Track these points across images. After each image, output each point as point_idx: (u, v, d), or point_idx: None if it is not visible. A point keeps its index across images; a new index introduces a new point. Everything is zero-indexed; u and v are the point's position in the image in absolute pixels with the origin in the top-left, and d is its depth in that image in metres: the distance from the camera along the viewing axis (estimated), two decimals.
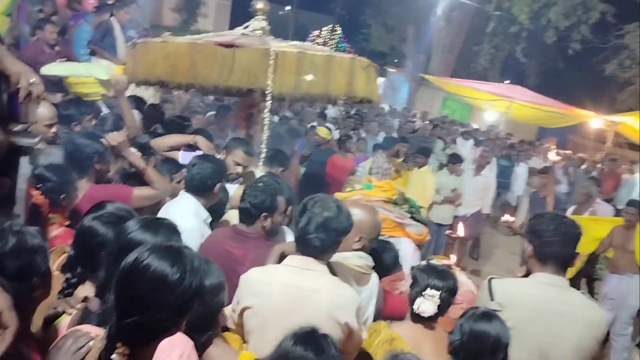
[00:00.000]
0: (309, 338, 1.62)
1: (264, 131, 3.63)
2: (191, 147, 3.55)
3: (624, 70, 14.64)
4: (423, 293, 2.29)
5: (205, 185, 2.88)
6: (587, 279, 6.22)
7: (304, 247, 2.08)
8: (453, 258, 4.33)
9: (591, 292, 6.37)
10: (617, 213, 6.83)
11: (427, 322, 2.31)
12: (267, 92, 3.31)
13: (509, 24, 15.04)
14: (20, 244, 1.54)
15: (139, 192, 2.89)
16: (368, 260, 2.47)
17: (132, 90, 4.61)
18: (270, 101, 3.42)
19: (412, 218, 3.57)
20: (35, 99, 1.89)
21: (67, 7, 6.88)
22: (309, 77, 3.38)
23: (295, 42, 3.67)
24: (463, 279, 4.14)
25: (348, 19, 26.11)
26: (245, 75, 3.25)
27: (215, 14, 21.04)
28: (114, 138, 2.98)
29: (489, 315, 2.09)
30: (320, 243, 2.05)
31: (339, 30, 30.48)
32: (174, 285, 1.30)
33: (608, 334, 5.08)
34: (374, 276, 2.50)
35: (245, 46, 3.30)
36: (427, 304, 2.27)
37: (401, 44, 20.24)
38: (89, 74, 4.22)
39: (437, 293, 2.28)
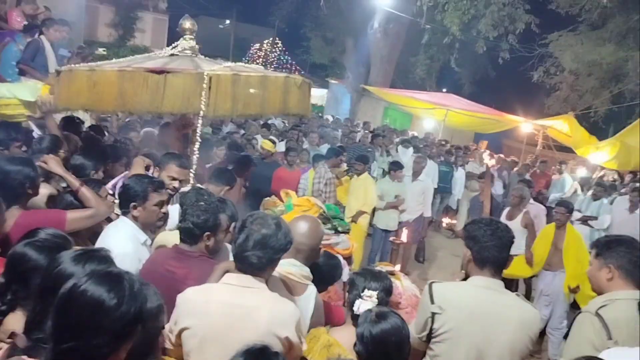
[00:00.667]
0: (260, 356, 1.63)
1: (195, 151, 3.57)
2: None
3: (550, 77, 15.49)
4: (361, 295, 2.38)
5: (123, 203, 2.83)
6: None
7: (242, 264, 2.09)
8: (397, 266, 4.47)
9: (529, 289, 6.67)
10: (549, 212, 7.22)
11: None
12: (200, 115, 3.27)
13: (442, 36, 15.59)
14: None
15: (74, 214, 2.79)
16: (303, 270, 2.50)
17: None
18: (202, 123, 3.39)
19: (337, 231, 3.59)
20: None
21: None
22: (252, 90, 3.37)
23: (228, 64, 3.60)
24: (407, 283, 4.27)
25: (288, 32, 26.27)
26: (178, 100, 3.19)
27: (153, 29, 20.75)
28: (47, 161, 2.94)
29: (383, 314, 2.18)
30: (257, 260, 2.06)
31: (279, 43, 30.63)
32: (110, 310, 1.30)
33: (545, 328, 5.32)
34: (311, 287, 2.51)
35: (178, 71, 3.25)
36: (365, 304, 2.34)
37: (341, 55, 20.56)
38: (12, 95, 4.08)
39: (374, 293, 2.38)
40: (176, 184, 3.43)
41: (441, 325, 2.26)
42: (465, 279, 2.49)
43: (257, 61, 32.39)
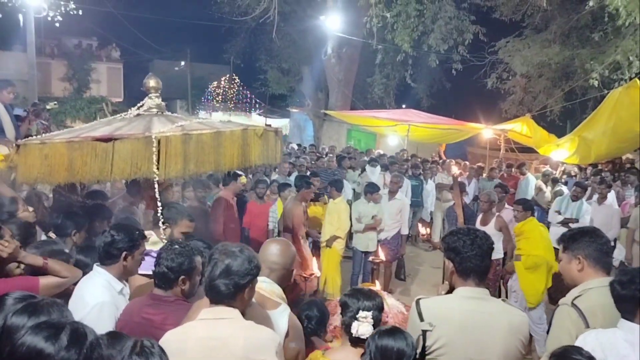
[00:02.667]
0: None
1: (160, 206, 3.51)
2: None
3: (503, 82, 15.98)
4: (357, 317, 2.39)
5: (110, 254, 2.78)
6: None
7: (212, 294, 2.13)
8: (377, 284, 4.45)
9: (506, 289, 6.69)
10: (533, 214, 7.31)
11: (362, 343, 2.38)
12: (153, 179, 3.24)
13: (395, 54, 15.96)
14: None
15: (47, 281, 2.71)
16: (274, 287, 2.52)
17: None
18: (158, 186, 3.35)
19: None
20: None
21: None
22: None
23: (182, 123, 3.52)
24: (391, 301, 4.27)
25: (244, 67, 26.48)
26: (127, 166, 3.18)
27: (108, 79, 20.64)
28: (2, 250, 2.63)
29: (393, 331, 2.24)
30: (225, 288, 2.11)
31: (236, 79, 30.84)
32: (49, 358, 1.32)
33: None
34: (284, 306, 2.49)
35: (125, 137, 3.23)
36: (364, 326, 2.36)
37: (299, 84, 20.82)
38: None
39: (369, 314, 2.38)
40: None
41: (434, 341, 2.25)
42: (450, 290, 2.49)
43: (217, 99, 32.54)
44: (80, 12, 12.56)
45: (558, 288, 5.17)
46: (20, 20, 14.90)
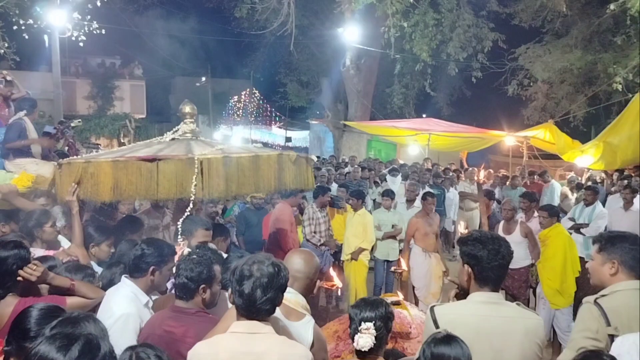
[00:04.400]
0: None
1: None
2: None
3: (525, 89, 15.81)
4: (359, 328, 2.34)
5: (138, 267, 2.82)
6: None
7: (255, 313, 2.07)
8: (400, 295, 4.39)
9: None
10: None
11: (371, 355, 2.35)
12: (193, 199, 3.32)
13: (413, 64, 15.95)
14: None
15: (73, 300, 2.76)
16: (298, 298, 2.50)
17: None
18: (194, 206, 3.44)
19: None
20: None
21: None
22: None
23: (221, 146, 3.66)
24: (415, 312, 4.20)
25: (264, 81, 26.74)
26: (172, 186, 3.27)
27: (131, 96, 21.03)
28: (32, 273, 2.67)
29: (449, 338, 2.15)
30: (270, 306, 2.08)
31: (256, 93, 31.12)
32: None
33: (555, 334, 5.27)
34: (309, 317, 2.49)
35: (169, 157, 3.32)
36: (364, 338, 2.32)
37: (318, 96, 20.92)
38: None
39: (370, 325, 2.33)
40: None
41: None
42: (461, 293, 2.46)
43: (237, 113, 32.87)
44: (103, 32, 12.86)
45: (582, 292, 5.09)
46: (46, 41, 15.36)
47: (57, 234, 3.80)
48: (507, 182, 10.92)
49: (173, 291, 2.69)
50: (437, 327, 2.23)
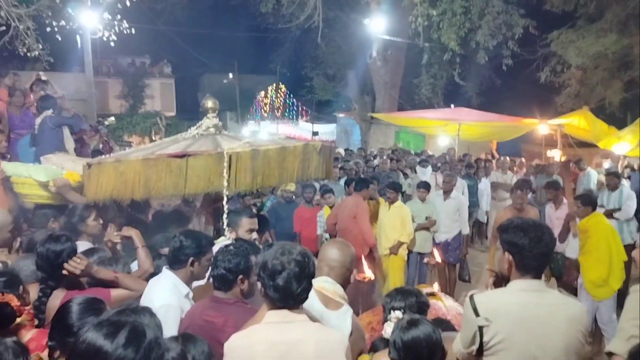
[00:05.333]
0: None
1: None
2: None
3: (557, 76, 15.40)
4: (388, 317, 2.36)
5: (178, 259, 2.86)
6: None
7: (291, 304, 2.07)
8: (436, 286, 4.35)
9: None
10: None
11: None
12: (224, 193, 3.37)
13: (441, 53, 15.71)
14: None
15: (117, 293, 2.84)
16: (336, 287, 2.50)
17: None
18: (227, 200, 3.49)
19: None
20: None
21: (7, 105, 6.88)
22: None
23: (247, 140, 3.71)
24: (450, 303, 4.15)
25: (289, 76, 26.79)
26: (200, 181, 3.31)
27: (161, 94, 21.34)
28: (76, 266, 2.77)
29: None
30: (306, 294, 2.09)
31: (283, 87, 31.21)
32: (108, 355, 1.35)
33: (597, 325, 5.15)
34: (347, 307, 2.49)
35: (198, 153, 3.36)
36: (392, 327, 2.31)
37: (345, 89, 20.82)
38: (27, 175, 4.21)
39: (399, 313, 2.34)
40: (254, 235, 3.58)
41: (492, 337, 2.16)
42: (499, 281, 2.42)
43: (264, 108, 33.05)
44: (133, 31, 13.05)
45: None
46: (78, 42, 15.70)
47: (100, 227, 3.87)
48: (542, 172, 10.67)
49: (211, 280, 2.72)
50: (477, 315, 2.19)
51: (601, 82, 14.70)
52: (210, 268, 2.81)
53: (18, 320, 2.35)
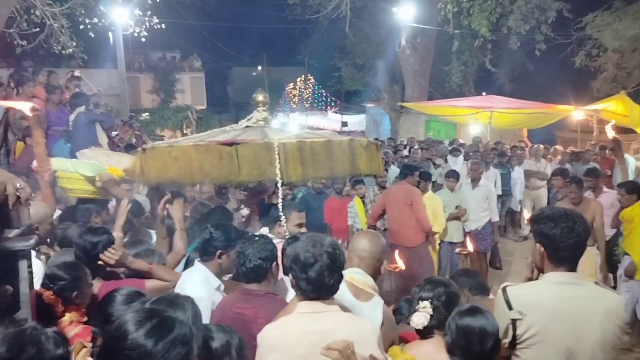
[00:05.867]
0: None
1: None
2: None
3: (593, 60, 14.94)
4: (416, 307, 2.36)
5: (207, 250, 2.92)
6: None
7: (324, 295, 2.09)
8: None
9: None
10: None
11: (432, 334, 2.35)
12: (277, 182, 3.40)
13: (472, 40, 15.40)
14: (41, 355, 1.45)
15: (151, 284, 2.91)
16: (367, 278, 2.51)
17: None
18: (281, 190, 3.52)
19: None
20: (24, 202, 1.94)
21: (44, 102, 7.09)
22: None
23: (294, 132, 3.77)
24: None
25: (318, 66, 26.73)
26: (253, 169, 3.34)
27: (191, 88, 21.57)
28: (111, 257, 2.87)
29: (472, 310, 2.21)
30: (338, 285, 2.11)
31: (311, 79, 31.18)
32: (126, 341, 1.36)
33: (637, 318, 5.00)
34: (378, 297, 2.50)
35: (247, 142, 3.40)
36: (418, 316, 2.32)
37: (374, 78, 20.65)
38: (74, 170, 4.31)
39: (427, 303, 2.33)
40: (303, 229, 3.65)
41: (525, 330, 2.13)
42: (533, 273, 2.37)
43: (293, 100, 33.12)
44: (163, 26, 13.25)
45: None
46: (110, 38, 16.02)
47: (141, 224, 3.98)
48: (579, 160, 10.37)
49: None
50: (510, 308, 2.16)
51: (639, 66, 14.19)
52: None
53: (66, 316, 2.43)
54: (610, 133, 5.41)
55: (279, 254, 2.79)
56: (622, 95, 11.95)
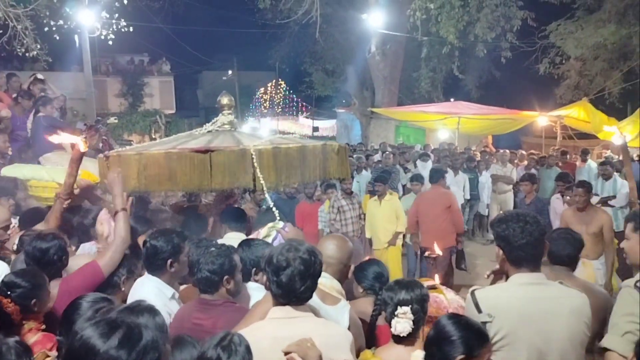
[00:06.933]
0: None
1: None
2: None
3: (556, 67, 15.38)
4: (395, 312, 2.29)
5: (155, 264, 2.83)
6: None
7: (293, 301, 2.08)
8: (437, 278, 4.35)
9: None
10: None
11: (409, 340, 2.30)
12: (249, 189, 3.36)
13: (440, 46, 15.66)
14: None
15: (103, 260, 2.84)
16: (333, 282, 2.51)
17: None
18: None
19: None
20: None
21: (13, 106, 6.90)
22: None
23: (268, 137, 3.69)
24: (451, 296, 4.15)
25: (289, 72, 26.75)
26: (226, 177, 3.27)
27: (160, 92, 21.29)
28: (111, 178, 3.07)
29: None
30: (309, 292, 2.10)
31: (282, 83, 31.17)
32: (98, 356, 1.33)
33: None
34: (344, 302, 2.50)
35: (221, 149, 3.32)
36: (402, 323, 2.26)
37: (344, 84, 20.78)
38: (50, 178, 4.17)
39: (407, 309, 2.28)
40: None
41: (495, 333, 2.16)
42: (498, 275, 2.42)
43: (264, 105, 33.02)
44: (131, 29, 13.03)
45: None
46: (76, 41, 15.66)
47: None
48: (543, 165, 10.65)
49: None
50: (479, 311, 2.19)
51: (600, 73, 14.68)
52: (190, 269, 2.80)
53: (25, 325, 2.37)
54: (620, 140, 5.34)
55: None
56: (585, 101, 12.32)
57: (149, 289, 2.78)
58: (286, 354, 1.78)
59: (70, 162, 3.48)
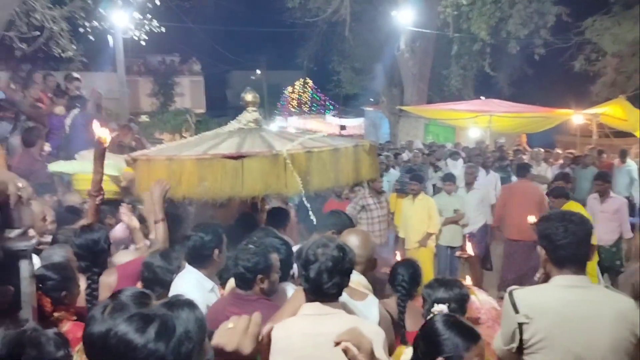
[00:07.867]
0: None
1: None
2: None
3: (592, 64, 14.99)
4: (432, 310, 2.28)
5: (202, 255, 2.88)
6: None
7: (322, 297, 2.08)
8: (468, 279, 4.28)
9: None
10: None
11: None
12: (282, 196, 3.31)
13: (471, 43, 15.45)
14: (41, 356, 1.44)
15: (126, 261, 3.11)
16: (360, 278, 2.51)
17: None
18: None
19: None
20: (25, 202, 1.92)
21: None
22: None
23: (300, 140, 3.52)
24: (483, 297, 4.07)
25: (317, 70, 26.75)
26: (257, 183, 3.19)
27: (190, 91, 21.56)
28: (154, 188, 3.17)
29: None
30: (337, 289, 2.08)
31: (310, 82, 31.23)
32: (137, 349, 1.30)
33: None
34: (372, 296, 2.48)
35: (253, 155, 3.23)
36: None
37: (372, 82, 20.67)
38: None
39: (444, 307, 2.27)
40: None
41: (532, 335, 2.10)
42: (545, 279, 2.33)
43: (292, 104, 33.15)
44: (163, 30, 13.24)
45: None
46: (110, 42, 16.00)
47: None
48: (579, 164, 10.38)
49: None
50: (516, 312, 2.13)
51: (638, 70, 14.24)
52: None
53: (56, 315, 2.43)
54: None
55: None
56: (621, 99, 11.97)
57: (190, 282, 2.82)
58: (337, 344, 1.76)
59: (94, 160, 3.44)
